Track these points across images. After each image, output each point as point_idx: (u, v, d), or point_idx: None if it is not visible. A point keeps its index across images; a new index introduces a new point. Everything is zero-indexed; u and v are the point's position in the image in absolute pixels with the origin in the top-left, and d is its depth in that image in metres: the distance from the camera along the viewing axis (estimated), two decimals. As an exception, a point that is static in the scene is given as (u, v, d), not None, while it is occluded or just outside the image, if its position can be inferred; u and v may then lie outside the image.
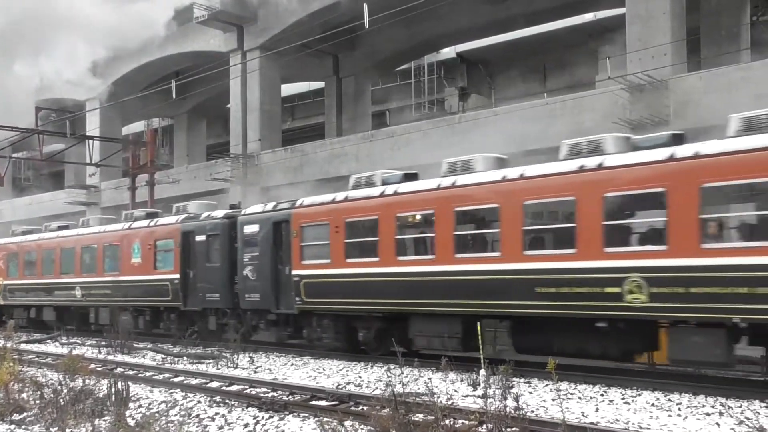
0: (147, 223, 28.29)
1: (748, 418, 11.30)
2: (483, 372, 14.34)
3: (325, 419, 11.79)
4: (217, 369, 19.83)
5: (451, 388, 14.65)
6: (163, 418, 12.88)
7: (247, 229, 23.44)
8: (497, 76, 47.01)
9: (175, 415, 13.66)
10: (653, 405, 13.03)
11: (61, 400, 13.55)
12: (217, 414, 13.78)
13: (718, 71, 24.90)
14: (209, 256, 25.23)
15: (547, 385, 15.10)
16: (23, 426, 13.44)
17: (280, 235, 22.35)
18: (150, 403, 15.28)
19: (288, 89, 49.50)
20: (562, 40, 39.19)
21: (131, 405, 14.57)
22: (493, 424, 10.08)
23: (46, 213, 51.05)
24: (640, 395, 13.99)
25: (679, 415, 12.17)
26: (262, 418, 13.21)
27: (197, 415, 13.70)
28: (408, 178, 19.81)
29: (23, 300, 34.82)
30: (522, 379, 15.59)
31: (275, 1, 38.28)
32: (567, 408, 12.11)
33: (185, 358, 22.43)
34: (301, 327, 22.10)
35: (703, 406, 12.78)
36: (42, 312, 33.99)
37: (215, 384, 17.21)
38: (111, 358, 22.88)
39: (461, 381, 15.67)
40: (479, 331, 15.38)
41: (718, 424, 11.43)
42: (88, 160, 43.42)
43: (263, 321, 23.43)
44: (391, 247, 18.89)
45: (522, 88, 44.76)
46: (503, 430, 10.02)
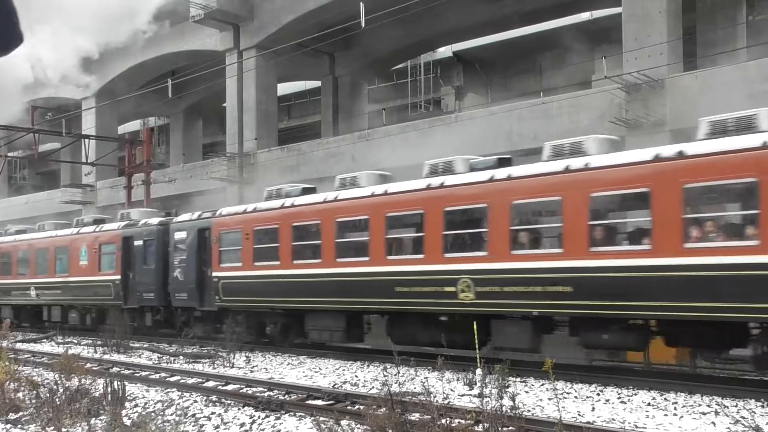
0: (93, 228, 31.08)
1: (743, 418, 11.31)
2: (479, 371, 14.35)
3: (321, 419, 11.79)
4: (214, 368, 19.82)
5: (447, 388, 14.68)
6: (159, 417, 12.86)
7: (177, 236, 26.31)
8: (493, 76, 46.98)
9: (172, 414, 13.65)
10: (649, 404, 13.05)
11: (57, 400, 13.53)
12: (213, 413, 13.77)
13: (714, 71, 24.92)
14: (146, 259, 27.92)
15: (543, 385, 15.12)
16: (19, 425, 13.42)
17: (204, 241, 25.07)
18: (146, 403, 15.27)
19: (284, 88, 49.45)
20: (559, 39, 39.15)
21: (127, 404, 14.58)
22: (489, 424, 10.07)
23: (41, 212, 50.95)
24: (636, 394, 14.01)
25: (675, 414, 12.19)
26: (259, 417, 13.21)
27: (193, 415, 13.69)
28: (305, 192, 22.68)
29: None
30: (518, 379, 15.59)
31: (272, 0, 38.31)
32: (563, 407, 12.13)
33: (181, 357, 22.44)
34: (221, 322, 24.41)
35: (699, 406, 12.80)
36: (0, 310, 36.01)
37: (211, 383, 17.20)
38: (107, 357, 22.87)
39: (457, 380, 15.69)
40: (475, 331, 15.39)
41: (713, 423, 11.45)
42: (84, 159, 43.34)
43: (191, 317, 26.11)
44: (289, 253, 21.82)
45: (518, 87, 44.76)
46: (499, 429, 10.01)
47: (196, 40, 42.93)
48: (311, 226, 21.49)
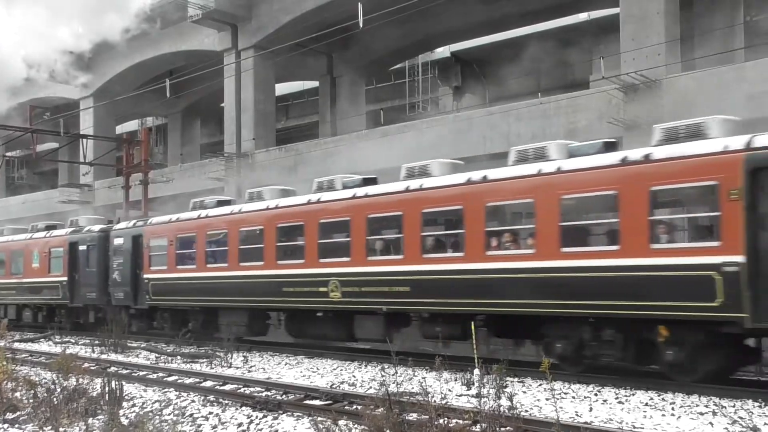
0: (44, 234, 34.32)
1: (741, 418, 11.32)
2: (477, 371, 14.36)
3: (319, 419, 11.78)
4: (211, 368, 19.81)
5: (445, 388, 14.68)
6: (157, 417, 12.85)
7: (116, 241, 29.37)
8: (491, 76, 46.97)
9: (169, 414, 13.65)
10: (647, 404, 13.06)
11: (55, 399, 13.52)
12: (210, 413, 13.76)
13: (712, 71, 24.92)
14: (89, 262, 30.79)
15: (541, 385, 15.12)
16: (16, 425, 13.41)
17: (137, 246, 28.05)
18: (144, 403, 15.25)
19: (282, 88, 49.45)
20: (557, 39, 39.17)
21: (125, 404, 14.57)
22: (487, 424, 10.08)
23: (40, 212, 50.94)
24: (633, 395, 14.02)
25: (672, 414, 12.19)
26: (256, 417, 13.20)
27: (191, 415, 13.68)
28: (219, 204, 25.87)
29: None
30: (516, 379, 15.61)
31: (270, 0, 38.28)
32: (561, 407, 12.13)
33: (179, 357, 22.42)
34: (153, 319, 27.85)
35: (697, 406, 12.80)
36: None
37: (209, 383, 17.19)
38: (104, 357, 22.86)
39: (455, 380, 15.69)
40: (473, 330, 15.41)
41: (711, 423, 11.46)
42: (82, 159, 43.30)
43: (127, 315, 28.79)
44: (203, 257, 25.03)
45: (516, 87, 44.76)
46: (497, 429, 10.02)
47: (194, 40, 42.93)
48: (221, 234, 24.56)
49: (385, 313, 19.35)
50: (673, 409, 12.60)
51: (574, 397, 13.89)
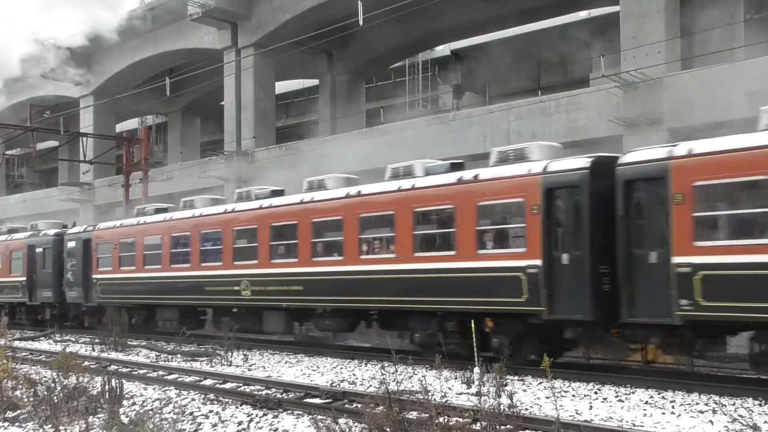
0: (6, 237, 36.75)
1: (741, 416, 11.32)
2: (477, 370, 14.36)
3: (319, 417, 11.79)
4: (211, 366, 19.82)
5: (445, 386, 14.68)
6: (157, 415, 12.87)
7: (69, 244, 32.00)
8: (491, 74, 46.95)
9: (169, 412, 13.66)
10: (647, 403, 13.06)
11: (55, 398, 13.53)
12: (211, 411, 13.77)
13: (712, 69, 24.91)
14: (45, 264, 33.47)
15: (541, 383, 15.13)
16: (17, 423, 13.43)
17: (88, 249, 30.75)
18: (144, 401, 15.27)
19: (282, 86, 49.42)
20: (556, 37, 39.16)
21: (125, 402, 14.58)
22: (487, 422, 10.08)
23: (40, 210, 50.97)
24: (633, 393, 14.01)
25: (672, 412, 12.20)
26: (256, 415, 13.21)
27: (191, 413, 13.69)
28: (158, 211, 28.59)
29: None
30: (516, 377, 15.61)
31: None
32: (561, 406, 12.14)
33: (179, 355, 22.43)
34: (102, 315, 29.33)
35: (697, 404, 12.81)
36: None
37: (209, 381, 17.20)
38: (105, 355, 22.87)
39: (455, 379, 15.70)
40: (473, 329, 15.43)
41: (711, 421, 11.46)
42: (82, 158, 43.32)
43: (79, 312, 31.96)
44: (141, 260, 27.86)
45: (516, 85, 44.76)
46: (497, 427, 10.02)
47: (194, 38, 42.90)
48: (156, 239, 27.35)
49: (285, 309, 22.32)
50: (673, 407, 12.60)
51: (574, 396, 13.89)
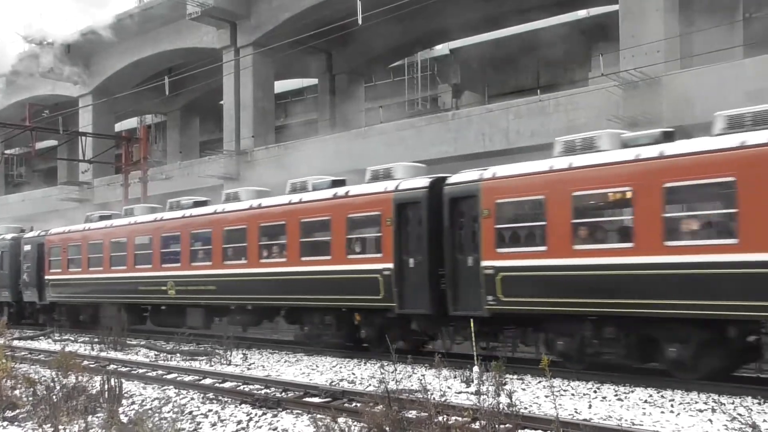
0: None
1: (740, 415, 11.32)
2: (476, 369, 14.36)
3: (318, 416, 11.77)
4: (211, 366, 19.81)
5: (444, 385, 14.69)
6: (156, 414, 12.85)
7: (26, 248, 35.01)
8: (491, 73, 46.95)
9: (168, 411, 13.64)
10: (646, 401, 13.06)
11: (54, 397, 13.50)
12: (210, 411, 13.77)
13: (711, 68, 24.90)
14: (2, 266, 35.97)
15: (540, 382, 15.13)
16: (16, 423, 13.42)
17: (41, 252, 33.76)
18: (143, 400, 15.27)
19: (281, 86, 49.41)
20: (555, 36, 39.16)
21: (124, 402, 14.57)
22: (486, 421, 10.08)
23: (39, 210, 50.97)
24: (633, 392, 14.02)
25: (671, 411, 12.20)
26: (256, 414, 13.21)
27: (190, 412, 13.68)
28: (101, 218, 31.51)
29: None
30: (515, 376, 15.61)
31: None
32: (560, 404, 12.14)
33: (178, 354, 22.42)
34: (53, 312, 33.31)
35: (696, 403, 12.81)
36: None
37: (208, 381, 17.19)
38: (104, 354, 22.83)
39: (454, 378, 15.69)
40: (473, 329, 15.45)
41: (710, 420, 11.47)
42: (81, 157, 43.31)
43: (34, 310, 34.89)
44: (87, 262, 30.79)
45: (515, 84, 44.75)
46: (496, 426, 10.02)
47: (193, 37, 42.88)
48: (98, 243, 30.31)
49: (204, 306, 25.46)
50: (672, 406, 12.61)
51: (573, 395, 13.89)
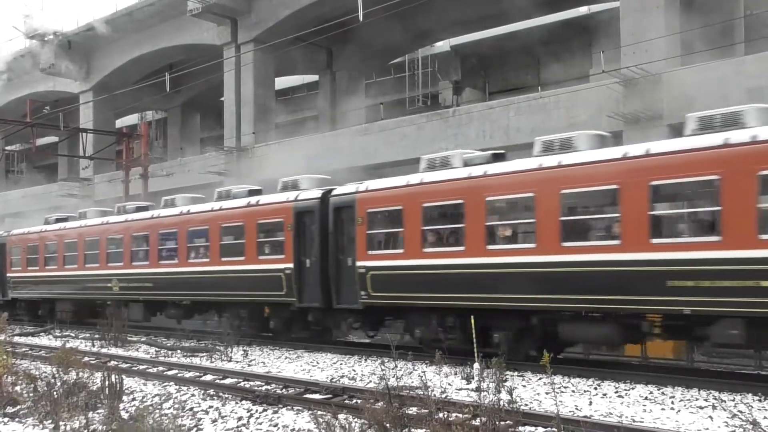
0: None
1: (741, 412, 11.32)
2: (477, 365, 14.36)
3: (319, 412, 11.77)
4: (211, 362, 19.81)
5: (444, 382, 14.69)
6: (157, 411, 12.85)
7: None
8: (491, 70, 46.92)
9: (169, 408, 13.65)
10: (646, 398, 13.07)
11: (55, 393, 13.52)
12: (210, 407, 13.78)
13: (712, 65, 24.88)
14: None
15: (540, 379, 15.14)
16: (17, 419, 13.42)
17: (3, 252, 36.52)
18: (144, 396, 15.28)
19: (282, 82, 49.38)
20: (556, 33, 39.15)
21: (125, 398, 14.57)
22: (486, 418, 10.08)
23: (39, 206, 50.92)
24: (633, 388, 14.03)
25: (672, 408, 12.21)
26: (256, 411, 13.22)
27: (191, 408, 13.69)
28: (58, 221, 34.04)
29: None
30: (516, 373, 15.61)
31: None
32: (561, 401, 12.15)
33: (179, 351, 22.43)
34: (14, 308, 35.87)
35: (696, 400, 12.82)
36: None
37: (209, 377, 17.20)
38: (104, 351, 22.85)
39: (455, 374, 15.70)
40: (473, 324, 15.46)
41: (711, 417, 11.47)
42: (82, 153, 43.30)
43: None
44: (43, 261, 33.74)
45: (516, 81, 44.71)
46: (497, 423, 10.02)
47: (193, 34, 42.87)
48: (54, 244, 33.05)
49: (143, 301, 28.15)
50: (672, 402, 12.62)
51: (573, 391, 13.90)
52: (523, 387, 14.32)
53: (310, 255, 21.32)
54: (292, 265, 21.62)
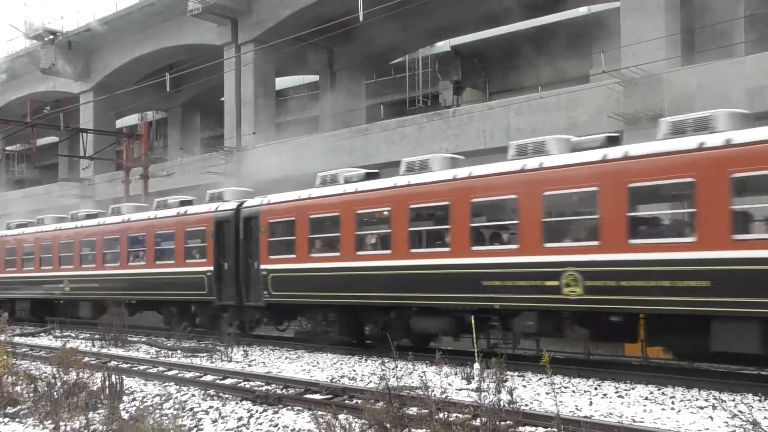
0: None
1: (741, 412, 11.32)
2: (477, 365, 14.35)
3: (319, 413, 11.77)
4: (211, 362, 19.82)
5: (445, 382, 14.69)
6: (157, 411, 12.85)
7: None
8: (492, 70, 46.91)
9: (169, 408, 13.66)
10: (647, 398, 13.07)
11: (55, 394, 13.52)
12: (211, 407, 13.78)
13: (712, 65, 24.84)
14: None
15: (540, 379, 15.14)
16: (17, 419, 13.43)
17: None
18: (144, 397, 15.28)
19: (282, 83, 49.36)
20: (557, 33, 39.11)
21: (125, 398, 14.58)
22: (487, 418, 10.08)
23: (39, 206, 50.90)
24: (633, 389, 14.03)
25: (672, 408, 12.21)
26: (257, 411, 13.22)
27: (191, 409, 13.70)
28: (18, 226, 36.90)
29: None
30: (516, 373, 15.61)
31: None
32: (561, 401, 12.15)
33: (179, 351, 22.44)
34: None
35: (697, 400, 12.82)
36: None
37: (209, 377, 17.20)
38: (105, 351, 22.86)
39: (455, 374, 15.71)
40: (473, 324, 15.47)
41: (711, 417, 11.47)
42: (82, 154, 43.30)
43: None
44: (2, 263, 36.38)
45: (516, 81, 44.70)
46: (497, 423, 10.02)
47: (193, 34, 42.85)
48: (12, 247, 35.89)
49: (91, 300, 30.94)
50: (672, 403, 12.62)
51: (574, 391, 13.90)
52: (524, 387, 14.32)
53: (228, 259, 24.17)
54: (212, 268, 24.55)
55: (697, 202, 13.91)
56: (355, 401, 13.06)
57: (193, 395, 15.21)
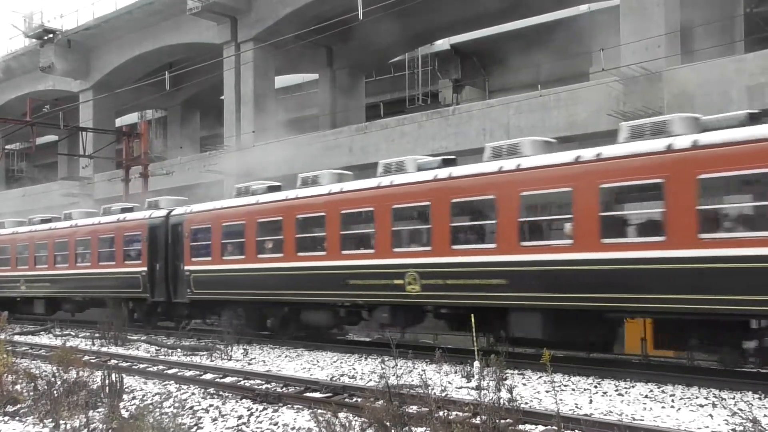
0: None
1: (741, 410, 11.33)
2: (477, 364, 14.36)
3: (319, 411, 11.77)
4: (211, 361, 19.82)
5: (445, 380, 14.70)
6: (157, 410, 12.85)
7: None
8: (491, 68, 46.88)
9: (169, 406, 13.65)
10: (647, 397, 13.07)
11: (55, 392, 13.52)
12: (211, 406, 13.78)
13: (712, 63, 24.84)
14: None
15: (540, 377, 15.14)
16: (17, 418, 13.43)
17: None
18: (144, 395, 15.28)
19: (282, 81, 49.33)
20: (557, 31, 39.08)
21: (125, 397, 14.58)
22: (487, 416, 10.08)
23: (39, 205, 50.92)
24: (633, 387, 14.03)
25: (672, 406, 12.21)
26: (256, 409, 13.22)
27: (191, 407, 13.70)
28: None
29: None
30: (516, 371, 15.62)
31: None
32: (561, 400, 12.15)
33: (179, 350, 22.43)
34: None
35: (697, 398, 12.82)
36: None
37: (209, 376, 17.21)
38: (105, 350, 22.86)
39: (455, 373, 15.71)
40: (473, 323, 15.47)
41: (711, 415, 11.48)
42: (82, 152, 43.28)
43: None
44: None
45: (516, 79, 44.65)
46: (497, 421, 10.02)
47: (193, 32, 42.81)
48: None
49: (44, 298, 33.66)
50: (672, 401, 12.62)
51: (573, 390, 13.90)
52: (523, 385, 14.32)
53: (159, 261, 27.08)
54: (146, 269, 27.51)
55: (497, 213, 16.82)
56: (355, 399, 13.08)
57: (193, 394, 15.21)
